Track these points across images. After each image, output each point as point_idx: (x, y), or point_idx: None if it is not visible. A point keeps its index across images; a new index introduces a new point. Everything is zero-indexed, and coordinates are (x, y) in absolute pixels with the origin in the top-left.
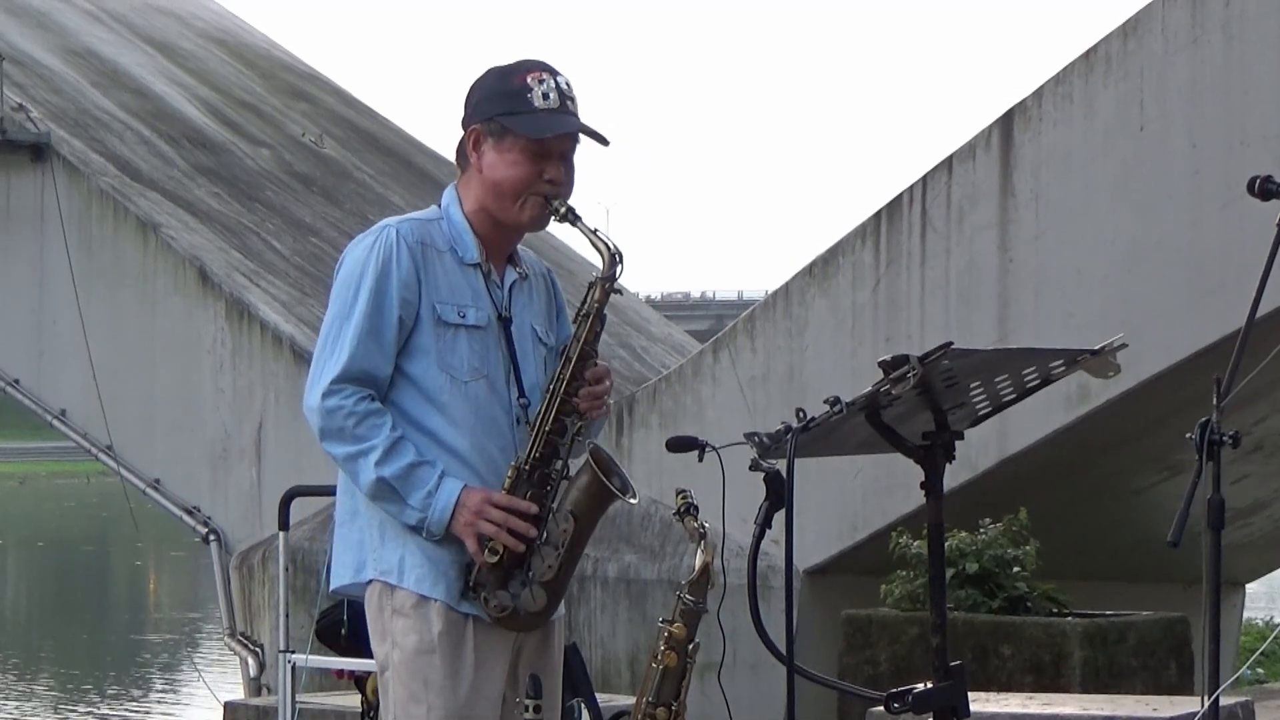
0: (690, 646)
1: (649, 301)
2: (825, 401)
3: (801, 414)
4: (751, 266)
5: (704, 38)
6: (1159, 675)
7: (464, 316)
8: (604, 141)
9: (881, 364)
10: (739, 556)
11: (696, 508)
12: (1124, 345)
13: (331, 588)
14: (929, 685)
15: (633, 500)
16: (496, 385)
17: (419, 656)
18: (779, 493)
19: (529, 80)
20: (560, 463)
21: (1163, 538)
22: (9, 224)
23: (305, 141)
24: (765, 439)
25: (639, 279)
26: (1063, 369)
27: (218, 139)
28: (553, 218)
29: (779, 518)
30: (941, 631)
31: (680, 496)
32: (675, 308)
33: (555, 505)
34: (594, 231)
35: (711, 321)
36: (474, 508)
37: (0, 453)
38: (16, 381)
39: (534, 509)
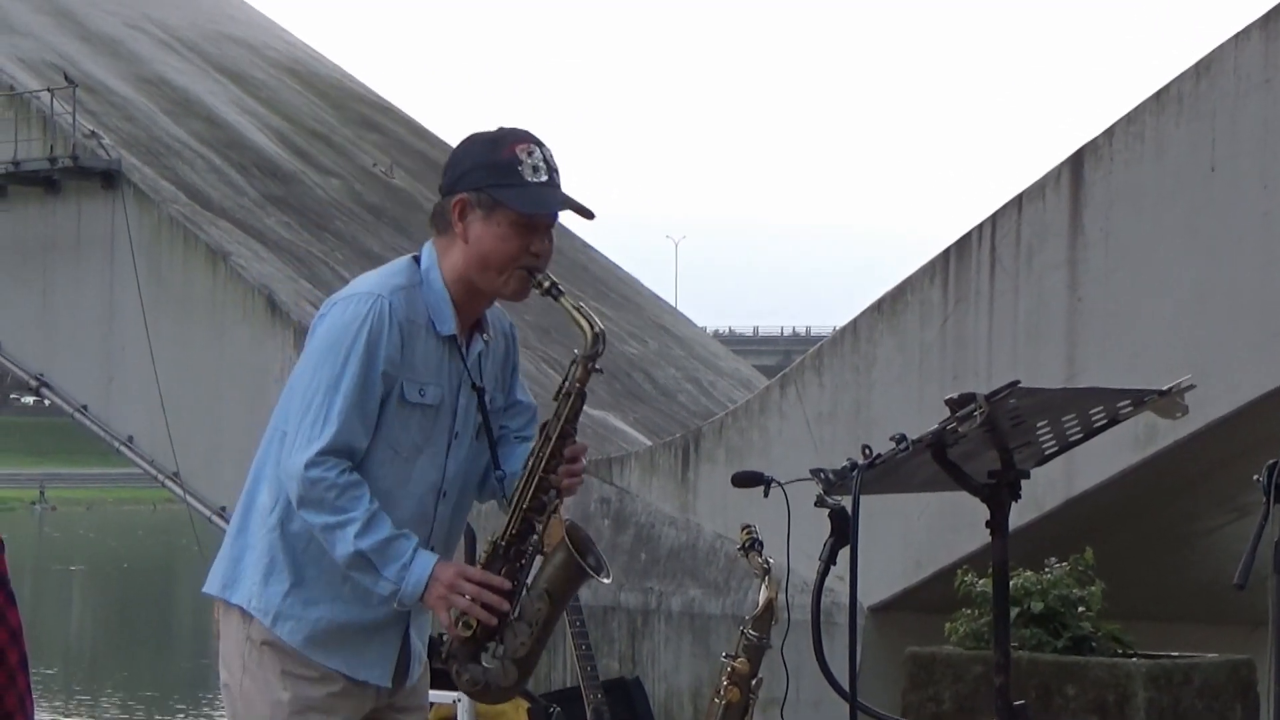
0: (753, 682)
1: (716, 336)
2: (891, 439)
3: (867, 451)
4: (820, 302)
5: (769, 73)
6: (1224, 717)
7: (423, 395)
8: (589, 215)
9: (948, 402)
10: (803, 592)
11: (761, 543)
12: (1192, 386)
13: (203, 591)
14: None
15: (606, 580)
16: (436, 460)
17: (269, 693)
18: (844, 529)
19: (518, 152)
20: (535, 538)
21: (1229, 580)
22: (80, 250)
23: (376, 172)
24: (831, 475)
25: (707, 313)
26: (1130, 409)
27: (288, 168)
28: (536, 291)
29: (844, 554)
30: (1005, 670)
31: (745, 532)
32: (743, 343)
33: (530, 582)
34: (577, 308)
35: (779, 357)
36: (447, 581)
37: (67, 479)
38: (85, 407)
39: (508, 585)
